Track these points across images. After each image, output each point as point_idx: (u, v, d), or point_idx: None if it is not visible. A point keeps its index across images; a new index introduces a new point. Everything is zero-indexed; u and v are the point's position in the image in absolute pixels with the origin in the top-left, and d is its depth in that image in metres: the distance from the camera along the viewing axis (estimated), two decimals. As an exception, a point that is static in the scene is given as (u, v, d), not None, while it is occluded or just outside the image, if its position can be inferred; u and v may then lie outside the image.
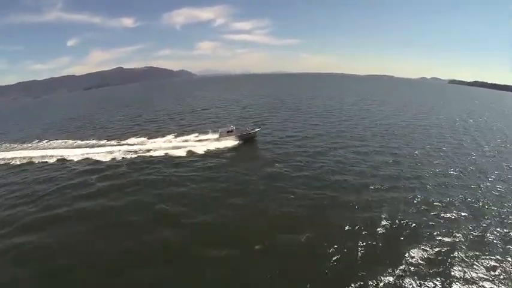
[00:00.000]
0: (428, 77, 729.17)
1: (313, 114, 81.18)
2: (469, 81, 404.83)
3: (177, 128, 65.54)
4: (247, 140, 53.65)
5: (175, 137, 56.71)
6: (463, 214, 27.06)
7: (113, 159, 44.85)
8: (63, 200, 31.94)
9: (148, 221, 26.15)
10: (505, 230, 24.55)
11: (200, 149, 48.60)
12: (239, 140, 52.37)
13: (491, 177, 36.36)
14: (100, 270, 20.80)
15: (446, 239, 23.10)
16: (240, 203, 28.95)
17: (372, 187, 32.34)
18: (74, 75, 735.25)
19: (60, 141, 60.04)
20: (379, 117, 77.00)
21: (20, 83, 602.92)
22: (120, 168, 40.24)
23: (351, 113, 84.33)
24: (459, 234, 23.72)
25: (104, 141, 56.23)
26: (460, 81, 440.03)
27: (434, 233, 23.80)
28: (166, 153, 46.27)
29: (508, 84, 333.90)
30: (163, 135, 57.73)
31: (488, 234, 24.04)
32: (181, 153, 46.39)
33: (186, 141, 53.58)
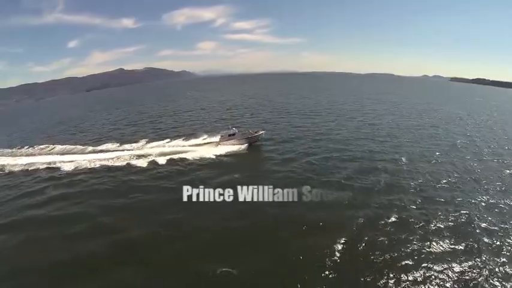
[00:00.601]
0: (430, 74, 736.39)
1: (299, 114, 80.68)
2: (471, 78, 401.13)
3: (153, 132, 65.73)
4: (250, 143, 51.79)
5: (148, 142, 56.34)
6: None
7: (76, 167, 44.95)
8: (12, 210, 32.31)
9: (84, 232, 26.23)
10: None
11: (195, 155, 47.22)
12: (243, 144, 50.58)
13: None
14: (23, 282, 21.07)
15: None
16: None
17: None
18: (75, 77, 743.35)
19: (36, 147, 60.18)
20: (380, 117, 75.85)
21: (22, 85, 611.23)
22: (78, 177, 40.51)
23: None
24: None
25: (80, 147, 56.57)
26: (462, 78, 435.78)
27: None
28: (128, 163, 45.46)
29: (510, 81, 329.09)
30: (136, 141, 57.66)
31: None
32: (143, 163, 44.58)
33: (173, 146, 52.96)
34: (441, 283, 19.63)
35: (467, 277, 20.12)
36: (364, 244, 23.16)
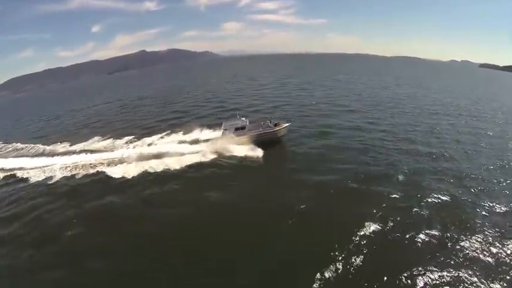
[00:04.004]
0: (459, 59, 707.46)
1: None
2: (501, 65, 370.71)
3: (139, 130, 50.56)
4: (267, 141, 35.80)
5: (136, 139, 42.14)
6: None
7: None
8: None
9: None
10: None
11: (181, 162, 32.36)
12: (257, 142, 35.02)
13: None
14: None
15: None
16: None
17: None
18: (98, 60, 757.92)
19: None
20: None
21: (46, 70, 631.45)
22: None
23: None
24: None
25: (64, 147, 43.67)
26: (492, 65, 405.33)
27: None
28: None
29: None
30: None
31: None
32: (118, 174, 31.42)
33: (158, 145, 38.02)
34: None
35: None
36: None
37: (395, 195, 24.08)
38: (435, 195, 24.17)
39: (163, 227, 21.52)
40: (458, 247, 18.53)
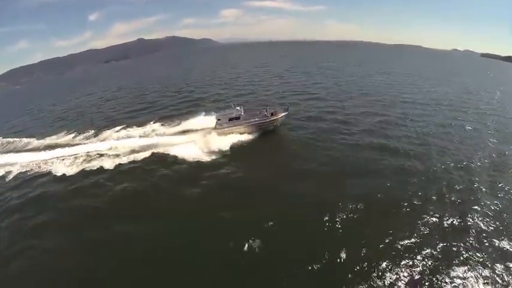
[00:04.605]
0: (461, 49, 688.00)
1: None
2: (502, 55, 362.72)
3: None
4: (264, 130, 36.32)
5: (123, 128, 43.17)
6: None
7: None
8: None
9: None
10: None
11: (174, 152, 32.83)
12: (252, 132, 35.39)
13: None
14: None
15: None
16: None
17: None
18: (95, 49, 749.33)
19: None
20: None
21: (42, 61, 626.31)
22: None
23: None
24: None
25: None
26: (494, 55, 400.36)
27: None
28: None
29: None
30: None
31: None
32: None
33: (148, 136, 38.71)
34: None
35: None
36: None
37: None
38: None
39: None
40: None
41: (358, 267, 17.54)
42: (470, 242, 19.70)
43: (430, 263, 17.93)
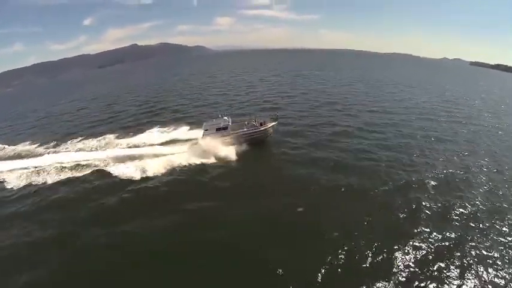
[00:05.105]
0: (451, 57, 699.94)
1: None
2: (492, 63, 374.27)
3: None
4: (253, 142, 35.00)
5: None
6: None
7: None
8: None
9: None
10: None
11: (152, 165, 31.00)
12: (241, 144, 34.07)
13: None
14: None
15: None
16: None
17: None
18: (88, 54, 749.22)
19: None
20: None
21: (35, 64, 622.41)
22: None
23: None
24: None
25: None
26: (482, 63, 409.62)
27: None
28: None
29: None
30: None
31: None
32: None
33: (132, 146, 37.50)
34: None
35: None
36: None
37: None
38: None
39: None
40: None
41: None
42: None
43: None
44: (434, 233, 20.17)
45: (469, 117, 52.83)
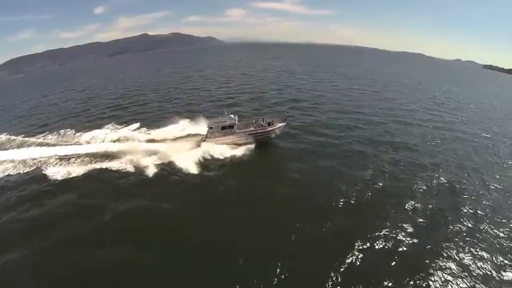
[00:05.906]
0: (464, 59, 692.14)
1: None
2: (506, 68, 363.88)
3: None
4: (260, 142, 33.27)
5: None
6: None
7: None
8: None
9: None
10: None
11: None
12: (248, 144, 32.37)
13: None
14: None
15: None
16: None
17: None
18: (99, 42, 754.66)
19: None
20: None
21: (46, 51, 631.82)
22: None
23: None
24: None
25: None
26: (496, 67, 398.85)
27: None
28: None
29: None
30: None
31: None
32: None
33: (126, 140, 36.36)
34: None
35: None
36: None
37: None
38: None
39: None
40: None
41: None
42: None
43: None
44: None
45: (451, 123, 49.52)
